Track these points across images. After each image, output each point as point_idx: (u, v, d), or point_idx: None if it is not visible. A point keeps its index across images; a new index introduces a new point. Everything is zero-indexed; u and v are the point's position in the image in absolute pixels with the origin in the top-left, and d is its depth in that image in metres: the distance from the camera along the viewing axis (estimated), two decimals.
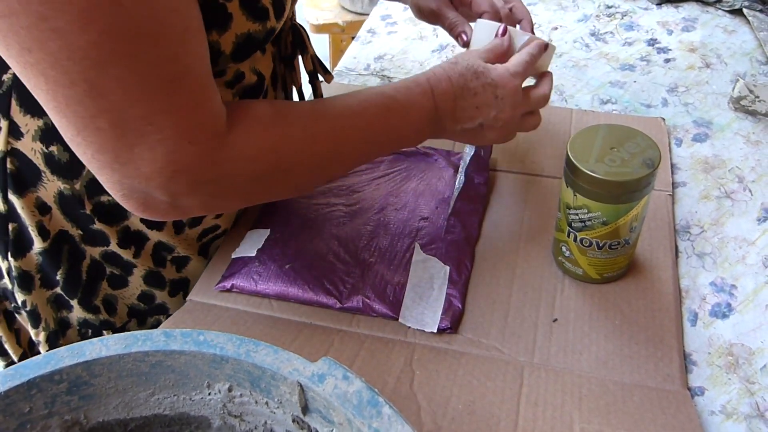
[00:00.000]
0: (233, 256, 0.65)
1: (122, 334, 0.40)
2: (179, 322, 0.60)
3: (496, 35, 0.61)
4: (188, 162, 0.43)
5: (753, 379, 0.55)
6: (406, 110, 0.55)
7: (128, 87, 0.40)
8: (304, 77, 0.72)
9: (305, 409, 0.38)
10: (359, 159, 0.56)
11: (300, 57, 0.69)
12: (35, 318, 0.65)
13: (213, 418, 0.43)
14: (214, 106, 0.45)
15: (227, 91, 0.58)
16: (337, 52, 1.99)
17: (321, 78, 0.73)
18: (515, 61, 0.59)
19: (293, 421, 0.40)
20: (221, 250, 0.68)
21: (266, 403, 0.40)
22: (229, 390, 0.41)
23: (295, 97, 0.73)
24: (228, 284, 0.62)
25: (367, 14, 1.32)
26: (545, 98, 0.60)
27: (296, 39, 0.67)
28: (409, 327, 0.58)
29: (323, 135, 0.51)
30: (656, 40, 0.97)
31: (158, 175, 0.43)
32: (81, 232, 0.61)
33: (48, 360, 0.39)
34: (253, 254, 0.64)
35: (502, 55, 0.61)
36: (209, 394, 0.41)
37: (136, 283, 0.66)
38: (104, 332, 0.67)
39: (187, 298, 0.63)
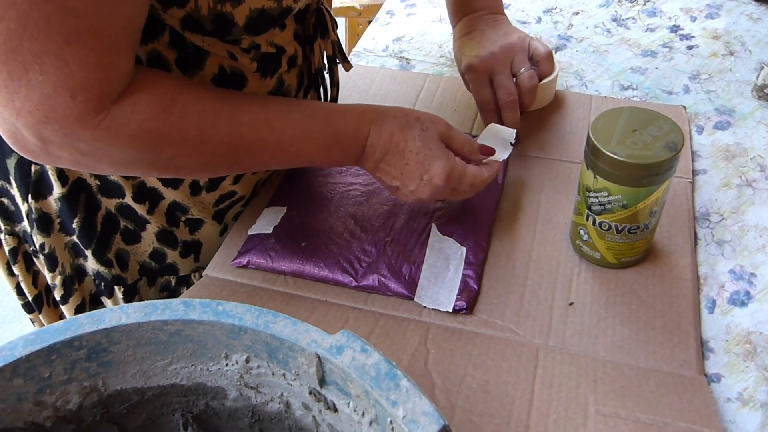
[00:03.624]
0: (249, 233, 0.65)
1: (142, 302, 0.40)
2: (195, 296, 0.60)
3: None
4: (63, 113, 0.43)
5: None
6: (326, 144, 0.56)
7: (28, 19, 0.40)
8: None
9: (322, 381, 0.38)
10: (254, 167, 0.56)
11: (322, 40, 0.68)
12: (52, 261, 0.66)
13: (229, 389, 0.43)
14: (115, 71, 0.44)
15: (245, 55, 0.58)
16: (354, 36, 1.98)
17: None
18: (459, 172, 0.58)
19: (310, 393, 0.40)
20: (238, 225, 0.68)
21: (283, 374, 0.40)
22: (247, 361, 0.41)
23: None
24: (244, 260, 0.62)
25: None
26: (477, 185, 0.60)
27: (319, 21, 0.65)
28: (425, 306, 0.58)
29: (218, 139, 0.50)
30: (679, 26, 0.96)
31: (28, 114, 0.43)
32: (98, 183, 0.63)
33: (68, 326, 0.39)
34: (270, 231, 0.64)
35: (468, 152, 0.61)
36: (226, 364, 0.41)
37: (148, 240, 0.67)
38: (115, 287, 0.69)
39: (204, 273, 0.63)
